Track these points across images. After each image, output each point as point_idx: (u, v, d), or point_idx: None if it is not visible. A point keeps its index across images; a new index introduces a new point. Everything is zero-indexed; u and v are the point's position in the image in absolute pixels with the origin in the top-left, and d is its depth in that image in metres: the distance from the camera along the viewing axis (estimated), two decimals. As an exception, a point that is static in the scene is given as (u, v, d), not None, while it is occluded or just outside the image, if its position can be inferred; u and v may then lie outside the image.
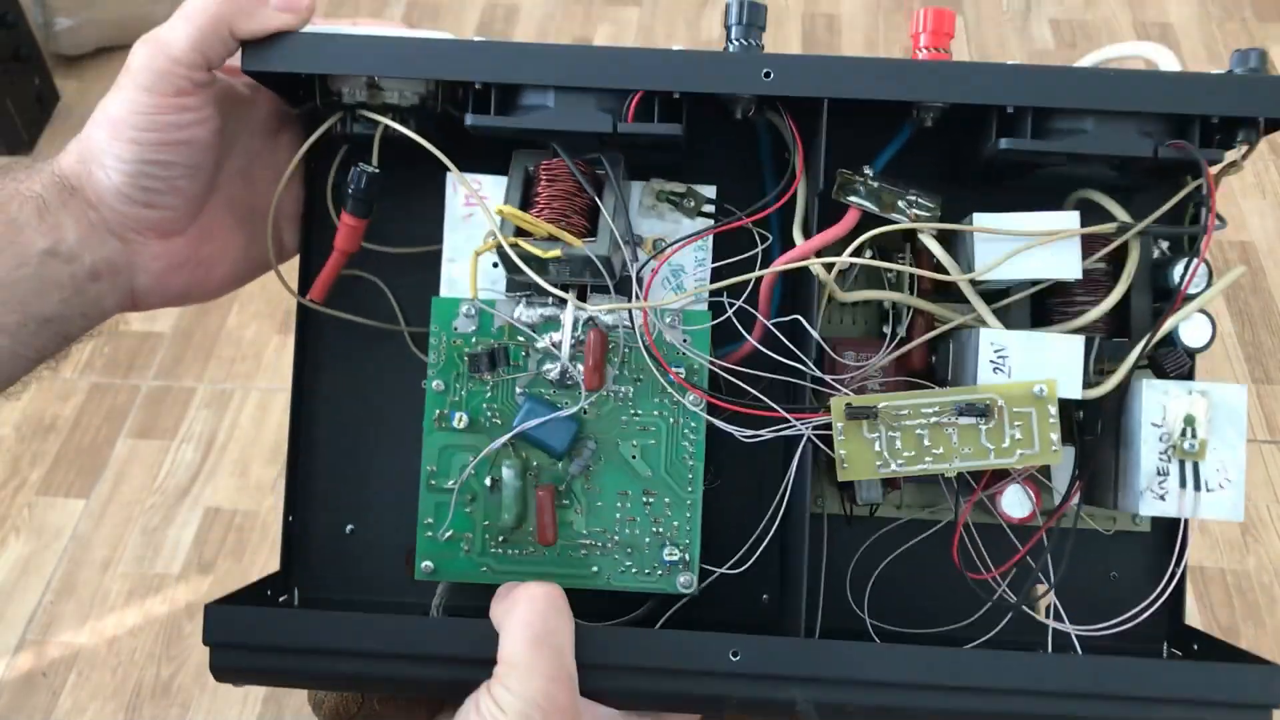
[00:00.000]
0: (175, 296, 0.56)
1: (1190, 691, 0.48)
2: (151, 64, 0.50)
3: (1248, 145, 0.50)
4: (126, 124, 0.50)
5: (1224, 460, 0.51)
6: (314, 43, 0.52)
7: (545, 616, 0.46)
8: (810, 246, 0.52)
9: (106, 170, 0.51)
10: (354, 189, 0.55)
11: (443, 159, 0.53)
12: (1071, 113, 0.50)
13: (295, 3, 0.52)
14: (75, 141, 0.52)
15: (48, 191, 0.51)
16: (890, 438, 0.50)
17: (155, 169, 0.51)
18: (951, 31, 0.53)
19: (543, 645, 0.46)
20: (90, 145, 0.51)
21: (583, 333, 0.53)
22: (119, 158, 0.51)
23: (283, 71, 0.52)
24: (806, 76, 0.50)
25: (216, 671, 0.51)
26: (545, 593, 0.47)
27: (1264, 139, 0.52)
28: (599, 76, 0.50)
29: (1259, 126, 0.50)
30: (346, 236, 0.56)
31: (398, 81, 0.53)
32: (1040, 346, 0.50)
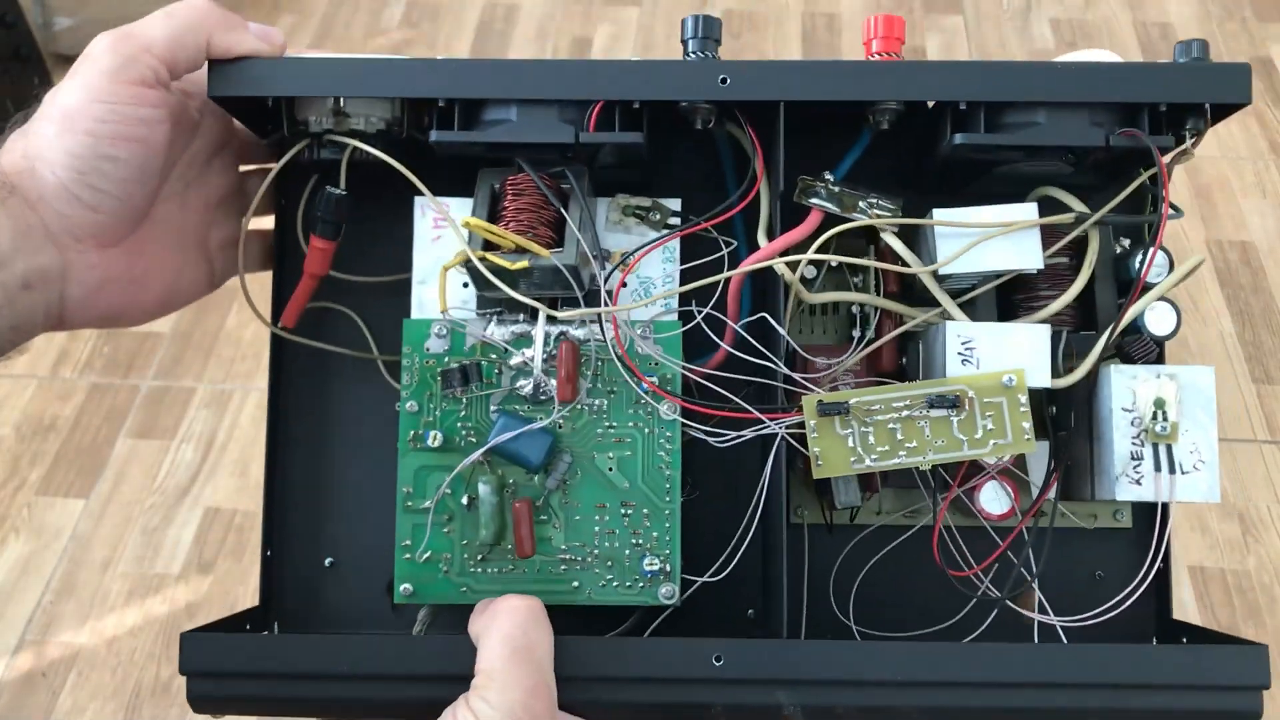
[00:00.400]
0: (105, 315, 0.54)
1: (1180, 676, 0.48)
2: (118, 49, 0.49)
3: (1197, 134, 0.51)
4: (83, 114, 0.49)
5: (1196, 442, 0.51)
6: (277, 66, 0.52)
7: (525, 629, 0.46)
8: (774, 248, 0.52)
9: (53, 166, 0.49)
10: (322, 211, 0.55)
11: (411, 178, 0.53)
12: (1023, 106, 0.51)
13: (271, 35, 0.52)
14: (18, 136, 0.50)
15: None
16: (863, 433, 0.50)
17: (106, 165, 0.49)
18: (902, 36, 0.54)
19: (522, 657, 0.45)
20: (37, 141, 0.49)
21: (554, 346, 0.53)
22: (69, 152, 0.49)
23: (249, 95, 0.52)
24: (761, 81, 0.51)
25: (194, 702, 0.51)
26: (526, 605, 0.47)
27: (1264, 140, 0.52)
28: (560, 88, 0.51)
29: (1205, 114, 0.51)
30: (316, 260, 0.56)
31: (363, 105, 0.53)
32: (1007, 337, 0.50)
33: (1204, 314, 1.61)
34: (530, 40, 2.06)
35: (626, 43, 2.06)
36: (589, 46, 2.05)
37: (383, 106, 0.53)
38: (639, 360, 0.53)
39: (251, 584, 1.40)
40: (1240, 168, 1.76)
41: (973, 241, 0.51)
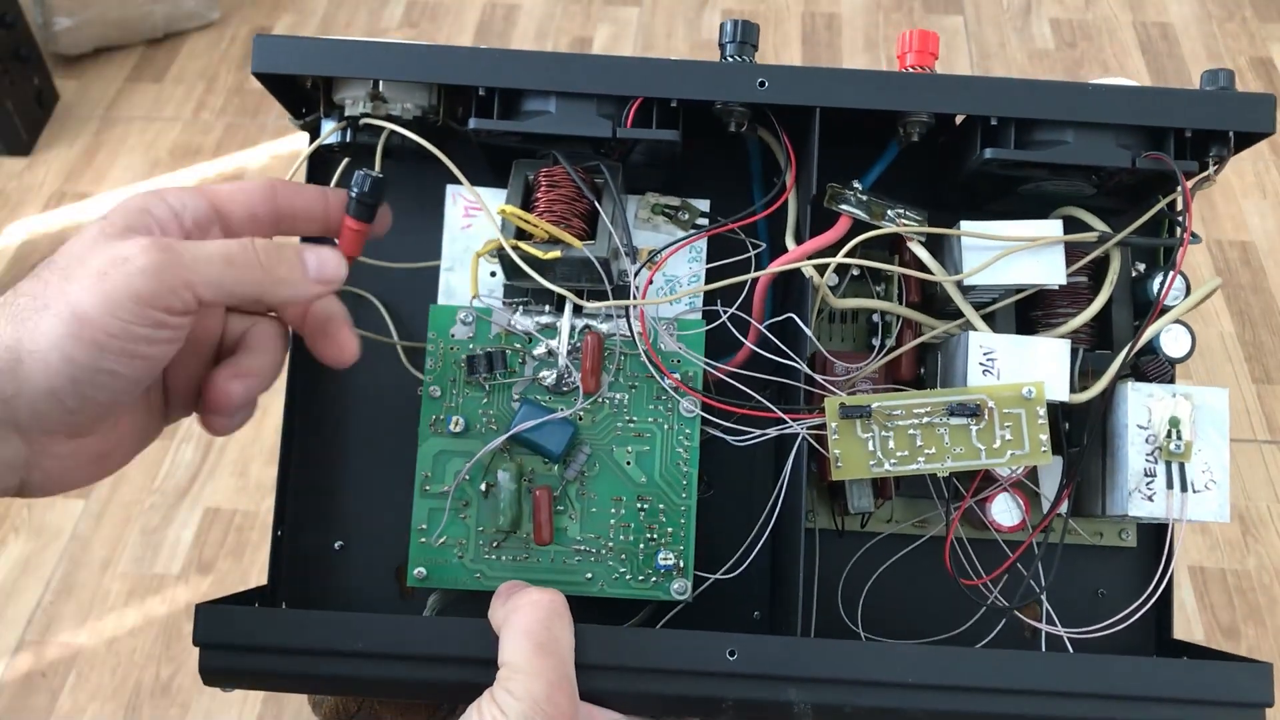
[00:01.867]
0: (64, 488, 0.48)
1: (1186, 691, 0.49)
2: (161, 276, 0.43)
3: (1219, 160, 0.52)
4: (97, 325, 0.42)
5: (1209, 461, 0.52)
6: (322, 46, 0.52)
7: (548, 623, 0.46)
8: (804, 250, 0.53)
9: (47, 368, 0.42)
10: (358, 192, 0.55)
11: (449, 164, 0.53)
12: (1053, 124, 0.52)
13: (329, 275, 0.49)
14: (6, 319, 0.43)
15: None
16: (883, 437, 0.50)
17: (104, 378, 0.43)
18: (936, 51, 0.55)
19: (546, 651, 0.46)
20: (34, 335, 0.42)
21: (578, 339, 0.54)
22: (70, 359, 0.42)
23: (293, 74, 0.53)
24: (799, 86, 0.51)
25: (206, 674, 0.51)
26: (549, 599, 0.47)
27: (1266, 141, 0.52)
28: (600, 83, 0.51)
29: (1229, 141, 0.52)
30: (351, 241, 0.56)
31: (401, 91, 0.53)
32: (1027, 350, 0.51)
33: (1204, 314, 1.62)
34: (530, 40, 2.06)
35: (626, 43, 2.06)
36: (589, 46, 2.05)
37: (420, 93, 0.53)
38: (663, 357, 0.54)
39: (251, 584, 1.39)
40: (1240, 168, 1.76)
41: (1001, 253, 0.52)
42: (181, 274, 0.43)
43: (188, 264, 0.43)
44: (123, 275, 0.42)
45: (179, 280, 0.43)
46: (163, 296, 0.43)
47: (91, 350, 0.42)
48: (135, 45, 2.04)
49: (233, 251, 0.45)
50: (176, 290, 0.43)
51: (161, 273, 0.43)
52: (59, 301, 0.42)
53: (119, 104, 1.94)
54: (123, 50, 2.03)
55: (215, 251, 0.45)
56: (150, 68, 2.01)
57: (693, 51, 2.03)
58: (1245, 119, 0.51)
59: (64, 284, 0.43)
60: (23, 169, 1.84)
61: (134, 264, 0.42)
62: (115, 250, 0.43)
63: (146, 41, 2.05)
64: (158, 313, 0.43)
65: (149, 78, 1.99)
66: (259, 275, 0.46)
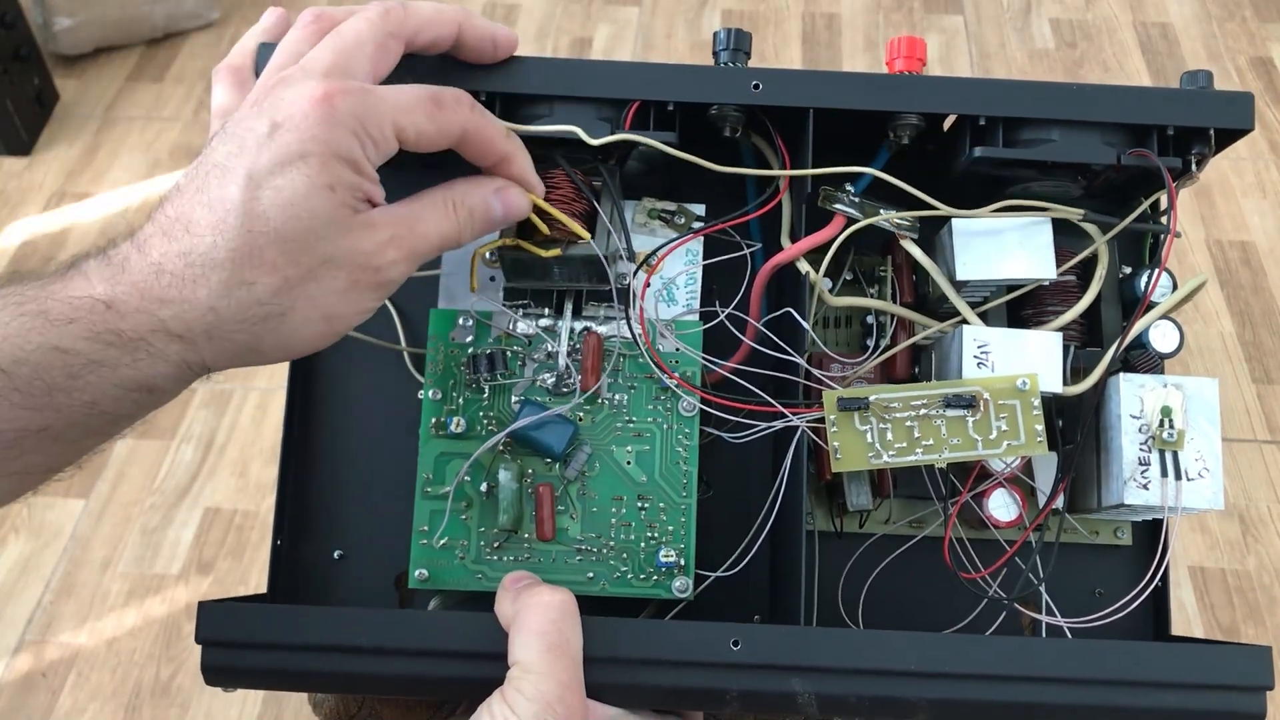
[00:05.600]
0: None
1: (1186, 675, 0.49)
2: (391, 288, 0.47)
3: (1202, 157, 0.53)
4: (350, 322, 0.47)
5: (1201, 450, 0.52)
6: None
7: (560, 625, 0.46)
8: (800, 247, 0.53)
9: (305, 344, 0.45)
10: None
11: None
12: (1040, 123, 0.53)
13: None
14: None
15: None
16: (881, 429, 0.51)
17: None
18: (924, 57, 0.56)
19: (558, 653, 0.46)
20: (285, 330, 0.44)
21: (578, 340, 0.55)
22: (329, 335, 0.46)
23: None
24: (792, 88, 0.52)
25: (208, 672, 0.51)
26: (560, 600, 0.47)
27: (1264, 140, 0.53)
28: (599, 87, 0.52)
29: (1210, 139, 0.53)
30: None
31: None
32: (1020, 343, 0.52)
33: (1204, 314, 1.62)
34: (530, 40, 2.06)
35: (626, 43, 2.06)
36: (589, 46, 2.05)
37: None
38: (662, 357, 0.54)
39: (252, 584, 1.40)
40: (1240, 168, 1.77)
41: (994, 208, 0.54)
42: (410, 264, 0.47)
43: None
44: (373, 288, 0.46)
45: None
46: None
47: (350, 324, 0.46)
48: (135, 45, 2.05)
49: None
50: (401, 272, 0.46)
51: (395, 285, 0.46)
52: (306, 308, 0.44)
53: (119, 104, 1.95)
54: (123, 50, 2.04)
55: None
56: (150, 68, 2.02)
57: (692, 51, 2.04)
58: (1225, 116, 0.52)
59: (306, 284, 0.44)
60: (23, 169, 1.85)
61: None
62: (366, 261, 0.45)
63: (146, 41, 2.05)
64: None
65: (149, 78, 2.00)
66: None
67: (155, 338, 0.42)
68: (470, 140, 0.48)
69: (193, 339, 0.42)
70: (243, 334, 0.43)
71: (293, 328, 0.44)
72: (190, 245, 0.42)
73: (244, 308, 0.42)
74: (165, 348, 0.42)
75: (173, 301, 0.41)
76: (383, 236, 0.45)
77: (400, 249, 0.46)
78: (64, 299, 0.41)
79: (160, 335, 0.42)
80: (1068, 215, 0.54)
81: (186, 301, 0.42)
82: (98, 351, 0.41)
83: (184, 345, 0.42)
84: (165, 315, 0.41)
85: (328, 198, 0.42)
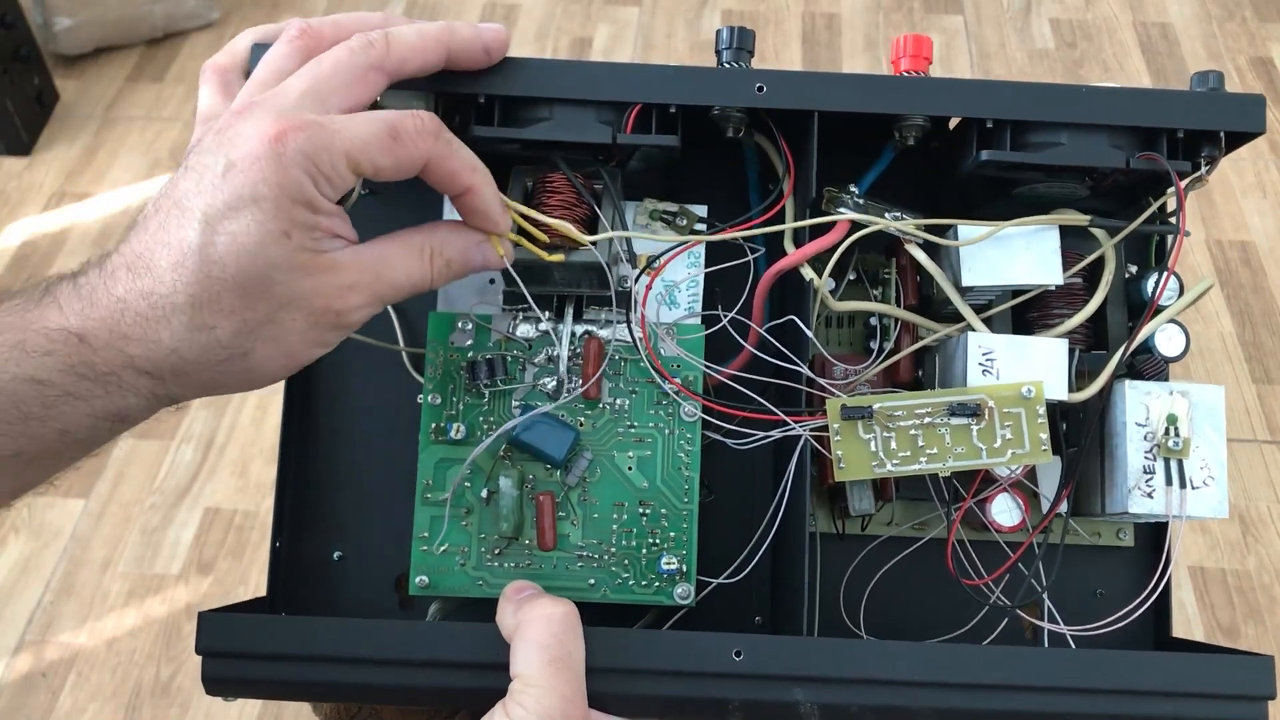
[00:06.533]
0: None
1: (1186, 684, 0.49)
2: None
3: (1211, 160, 0.52)
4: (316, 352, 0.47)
5: (1206, 458, 0.52)
6: None
7: (562, 638, 0.46)
8: (803, 253, 0.53)
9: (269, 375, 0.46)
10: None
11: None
12: (1048, 126, 0.52)
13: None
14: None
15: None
16: (885, 438, 0.50)
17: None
18: (930, 56, 0.55)
19: (560, 665, 0.46)
20: (255, 361, 0.45)
21: (579, 344, 0.54)
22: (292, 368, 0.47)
23: None
24: (796, 90, 0.52)
25: (209, 683, 0.50)
26: (562, 613, 0.47)
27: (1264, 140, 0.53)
28: (600, 90, 0.52)
29: (1220, 141, 0.52)
30: None
31: (400, 99, 0.53)
32: (1026, 350, 0.52)
33: (1204, 314, 1.62)
34: (530, 40, 2.06)
35: (626, 43, 2.06)
36: (589, 47, 2.05)
37: (418, 101, 0.53)
38: (663, 362, 0.54)
39: (252, 584, 1.40)
40: (1240, 168, 1.76)
41: (995, 230, 0.53)
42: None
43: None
44: (334, 329, 0.46)
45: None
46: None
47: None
48: (135, 45, 2.04)
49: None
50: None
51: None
52: (266, 348, 0.44)
53: (119, 104, 1.94)
54: (123, 50, 2.04)
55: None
56: (150, 68, 2.01)
57: (692, 51, 2.03)
58: (1236, 119, 0.51)
59: (266, 326, 0.44)
60: (23, 169, 1.84)
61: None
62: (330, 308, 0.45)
63: (146, 41, 2.05)
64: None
65: (149, 78, 1.99)
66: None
67: (126, 373, 0.42)
68: (432, 172, 0.47)
69: (160, 376, 0.43)
70: (206, 373, 0.44)
71: (256, 365, 0.44)
72: (152, 285, 0.42)
73: (206, 350, 0.43)
74: (135, 382, 0.43)
75: (139, 340, 0.42)
76: (346, 280, 0.45)
77: (364, 294, 0.45)
78: (40, 330, 0.42)
79: (130, 371, 0.42)
80: (1075, 223, 0.53)
81: (152, 341, 0.42)
82: (72, 384, 0.42)
83: (153, 381, 0.43)
84: (134, 353, 0.42)
85: (283, 245, 0.42)
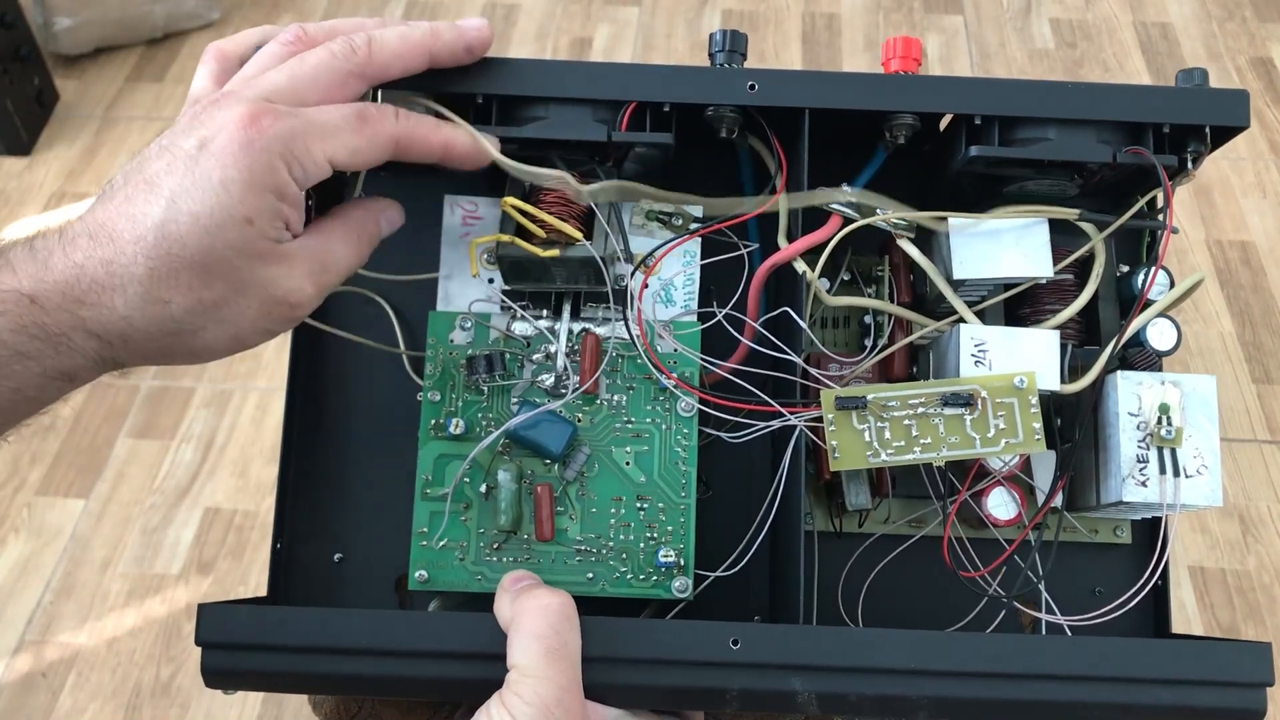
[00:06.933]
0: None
1: (1186, 671, 0.49)
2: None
3: (1197, 155, 0.53)
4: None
5: (1199, 447, 0.52)
6: None
7: (558, 628, 0.46)
8: (797, 247, 0.53)
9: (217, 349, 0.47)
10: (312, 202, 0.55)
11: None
12: (1035, 122, 0.53)
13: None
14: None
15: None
16: (879, 428, 0.51)
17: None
18: (919, 58, 0.56)
19: (556, 656, 0.46)
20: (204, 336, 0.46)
21: (576, 341, 0.55)
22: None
23: None
24: (788, 88, 0.52)
25: (208, 674, 0.51)
26: (559, 603, 0.47)
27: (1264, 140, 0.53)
28: (596, 89, 0.52)
29: (1205, 136, 0.53)
30: None
31: (398, 100, 0.53)
32: (1018, 341, 0.52)
33: (1204, 314, 1.62)
34: (530, 40, 2.06)
35: (626, 43, 2.06)
36: (589, 46, 2.05)
37: (417, 104, 0.54)
38: (660, 358, 0.54)
39: (252, 584, 1.40)
40: (1240, 168, 1.77)
41: (990, 215, 0.54)
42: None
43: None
44: (284, 320, 0.47)
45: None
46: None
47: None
48: (135, 45, 2.04)
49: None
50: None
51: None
52: (216, 329, 0.46)
53: (119, 104, 1.95)
54: (123, 50, 2.04)
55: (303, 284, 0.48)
56: (150, 68, 2.01)
57: (692, 51, 2.04)
58: (1221, 113, 0.52)
59: (219, 308, 0.45)
60: (23, 169, 1.84)
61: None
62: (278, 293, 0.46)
63: (146, 41, 2.05)
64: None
65: (149, 78, 2.00)
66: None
67: (75, 335, 0.43)
68: (406, 145, 0.48)
69: (109, 340, 0.44)
70: (154, 344, 0.45)
71: (204, 343, 0.46)
72: (113, 254, 0.43)
73: (157, 322, 0.44)
74: (84, 344, 0.44)
75: (93, 305, 0.43)
76: (299, 272, 0.46)
77: (314, 285, 0.47)
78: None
79: (80, 333, 0.43)
80: (1064, 216, 0.54)
81: (106, 307, 0.43)
82: (24, 344, 0.43)
83: (101, 344, 0.44)
84: (85, 315, 0.43)
85: (244, 231, 0.44)
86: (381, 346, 0.60)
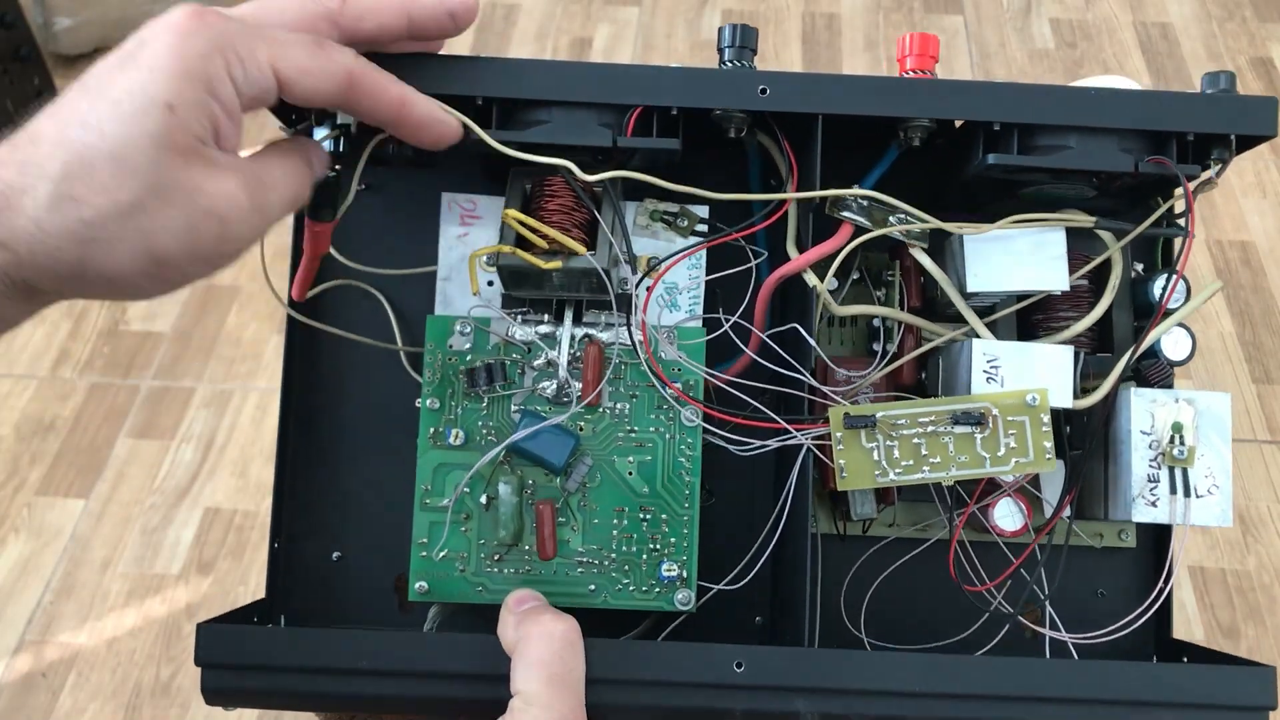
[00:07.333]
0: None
1: (1187, 695, 0.49)
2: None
3: (1221, 163, 0.51)
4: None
5: (1211, 466, 0.52)
6: None
7: (563, 656, 0.46)
8: (806, 259, 0.52)
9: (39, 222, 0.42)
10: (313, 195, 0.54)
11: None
12: (1055, 129, 0.51)
13: None
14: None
15: None
16: (888, 447, 0.50)
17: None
18: (936, 54, 0.54)
19: (560, 684, 0.45)
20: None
21: (579, 348, 0.53)
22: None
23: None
24: (801, 93, 0.51)
25: (208, 693, 0.50)
26: (563, 630, 0.47)
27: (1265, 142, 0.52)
28: (600, 92, 0.51)
29: (1231, 144, 0.51)
30: (310, 241, 0.55)
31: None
32: (1031, 357, 0.51)
33: (1204, 314, 1.62)
34: (530, 40, 2.06)
35: (626, 43, 2.06)
36: (589, 47, 2.05)
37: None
38: (664, 366, 0.53)
39: (252, 584, 1.40)
40: (1240, 168, 1.76)
41: (1005, 223, 0.52)
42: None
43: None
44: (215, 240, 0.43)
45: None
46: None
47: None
48: (135, 44, 2.04)
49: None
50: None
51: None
52: (134, 239, 0.41)
53: (118, 103, 1.94)
54: (122, 49, 2.03)
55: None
56: (150, 67, 2.01)
57: (692, 51, 2.03)
58: (1247, 122, 0.51)
59: (136, 215, 0.41)
60: (22, 168, 1.84)
61: None
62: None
63: (146, 41, 2.04)
64: None
65: (148, 77, 1.99)
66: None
67: None
68: (360, 86, 0.45)
69: (16, 250, 0.40)
70: (66, 259, 0.40)
71: (118, 260, 0.41)
72: (30, 155, 0.40)
73: (68, 225, 0.40)
74: None
75: (1, 209, 0.39)
76: (231, 182, 0.42)
77: (249, 197, 0.43)
78: None
79: None
80: (1081, 224, 0.52)
81: (13, 209, 0.39)
82: None
83: (8, 256, 0.40)
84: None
85: (163, 116, 0.40)
86: (378, 344, 0.59)
